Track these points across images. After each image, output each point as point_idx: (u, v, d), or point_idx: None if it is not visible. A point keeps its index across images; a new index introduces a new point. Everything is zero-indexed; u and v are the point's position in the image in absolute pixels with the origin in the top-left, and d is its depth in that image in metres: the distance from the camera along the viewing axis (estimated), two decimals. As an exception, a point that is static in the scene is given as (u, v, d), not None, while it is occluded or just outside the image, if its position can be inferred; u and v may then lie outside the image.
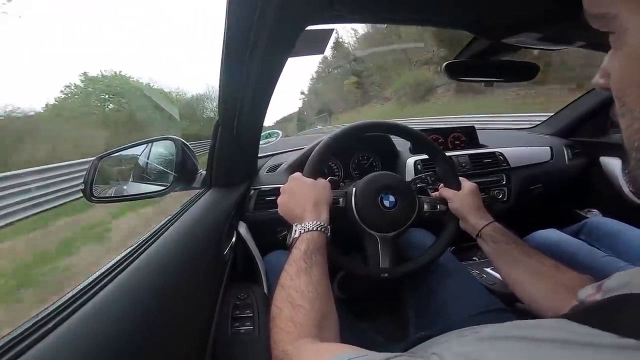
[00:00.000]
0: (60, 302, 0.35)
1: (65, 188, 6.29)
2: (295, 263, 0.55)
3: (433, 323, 0.72)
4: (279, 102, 25.83)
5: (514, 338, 0.29)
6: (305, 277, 0.53)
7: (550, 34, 0.66)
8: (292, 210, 0.67)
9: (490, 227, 0.72)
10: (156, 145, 0.99)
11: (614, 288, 0.35)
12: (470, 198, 0.78)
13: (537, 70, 0.92)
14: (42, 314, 0.33)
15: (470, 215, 0.76)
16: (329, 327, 0.50)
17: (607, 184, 1.43)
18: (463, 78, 0.96)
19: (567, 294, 0.54)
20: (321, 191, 0.69)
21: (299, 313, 0.48)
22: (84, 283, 0.39)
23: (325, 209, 0.66)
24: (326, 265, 0.58)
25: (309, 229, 0.60)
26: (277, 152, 1.45)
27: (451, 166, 0.85)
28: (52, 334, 0.30)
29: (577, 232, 1.16)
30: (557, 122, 1.66)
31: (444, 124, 6.90)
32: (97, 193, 0.83)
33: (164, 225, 0.63)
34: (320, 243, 0.59)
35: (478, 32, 0.75)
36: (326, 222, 0.64)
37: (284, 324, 0.48)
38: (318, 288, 0.52)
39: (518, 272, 0.65)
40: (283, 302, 0.51)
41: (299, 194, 0.68)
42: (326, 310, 0.51)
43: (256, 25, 0.51)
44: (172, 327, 0.45)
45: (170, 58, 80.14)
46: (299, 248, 0.58)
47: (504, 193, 1.31)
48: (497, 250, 0.69)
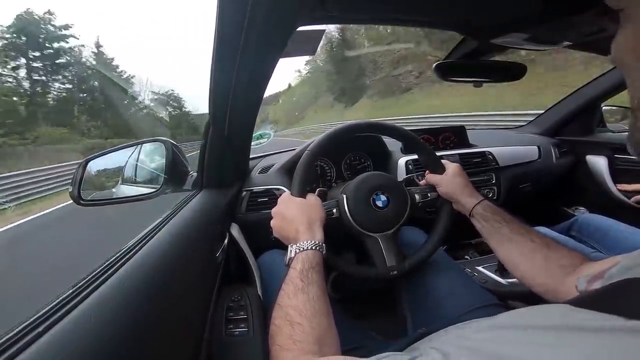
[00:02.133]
0: (50, 305, 0.34)
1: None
2: (292, 282, 0.55)
3: (430, 320, 0.73)
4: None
5: (517, 327, 0.30)
6: (302, 295, 0.53)
7: (537, 35, 0.67)
8: (286, 233, 0.67)
9: (481, 206, 0.74)
10: (146, 147, 0.98)
11: (615, 274, 0.35)
12: (456, 179, 0.79)
13: (525, 70, 0.94)
14: (32, 317, 0.32)
15: (460, 196, 0.77)
16: (329, 343, 0.50)
17: (594, 182, 1.46)
18: (452, 78, 0.98)
19: (558, 271, 0.55)
20: (312, 210, 0.69)
21: (297, 331, 0.48)
22: (72, 287, 0.38)
23: (318, 228, 0.66)
24: (323, 283, 0.58)
25: (304, 249, 0.61)
26: (269, 153, 1.44)
27: (432, 152, 0.86)
28: (42, 339, 0.29)
29: (568, 229, 1.18)
30: (545, 122, 1.69)
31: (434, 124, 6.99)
32: (85, 196, 0.82)
33: (155, 227, 0.62)
34: (316, 261, 0.60)
35: (467, 33, 0.76)
36: (321, 240, 0.64)
37: (284, 342, 0.48)
38: (316, 305, 0.52)
39: (510, 250, 0.66)
40: (281, 321, 0.51)
41: (291, 216, 0.68)
42: (325, 326, 0.51)
43: (247, 25, 0.51)
44: (165, 330, 0.44)
45: (160, 56, 79.29)
46: (294, 268, 0.58)
47: (493, 192, 1.33)
48: (489, 228, 0.70)
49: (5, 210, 8.12)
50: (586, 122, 1.55)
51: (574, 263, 0.54)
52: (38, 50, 24.63)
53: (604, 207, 1.38)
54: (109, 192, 0.95)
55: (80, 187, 0.80)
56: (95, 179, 0.88)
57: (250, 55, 0.59)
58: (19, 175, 9.99)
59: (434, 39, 16.67)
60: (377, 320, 0.95)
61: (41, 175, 10.61)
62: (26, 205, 8.78)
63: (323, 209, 0.72)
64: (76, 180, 0.80)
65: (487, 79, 0.98)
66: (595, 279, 0.42)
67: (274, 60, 0.65)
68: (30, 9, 23.98)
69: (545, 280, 0.58)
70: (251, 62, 0.62)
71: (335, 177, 1.29)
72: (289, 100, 58.03)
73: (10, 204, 8.38)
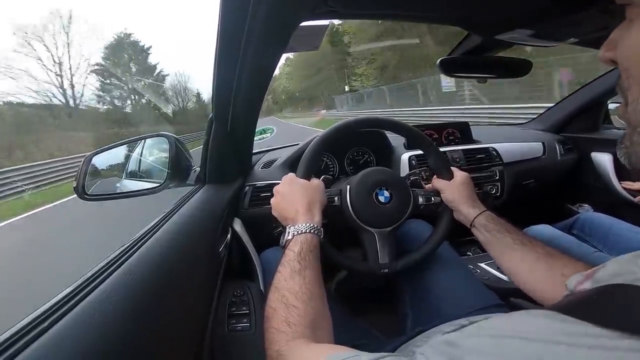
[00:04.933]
0: (52, 302, 0.34)
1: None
2: (289, 264, 0.55)
3: (430, 318, 0.73)
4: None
5: (500, 336, 0.29)
6: (298, 278, 0.53)
7: (542, 31, 0.66)
8: (285, 212, 0.67)
9: (483, 216, 0.72)
10: (149, 142, 0.98)
11: (604, 278, 0.34)
12: (462, 188, 0.78)
13: (530, 66, 0.93)
14: (35, 314, 0.32)
15: (463, 206, 0.76)
16: (323, 327, 0.50)
17: (599, 179, 1.45)
18: (456, 74, 0.97)
19: (561, 280, 0.55)
20: (314, 192, 0.69)
21: (292, 314, 0.49)
22: (76, 283, 0.39)
23: (318, 211, 0.66)
24: (319, 267, 0.58)
25: (302, 231, 0.61)
26: (272, 148, 1.44)
27: (442, 157, 0.85)
28: (46, 334, 0.29)
29: (570, 227, 1.17)
30: (549, 118, 1.68)
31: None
32: (89, 191, 0.83)
33: (157, 222, 0.62)
34: (314, 245, 0.60)
35: (471, 29, 0.75)
36: (319, 224, 0.64)
37: (278, 324, 0.48)
38: (311, 289, 0.53)
39: (513, 261, 0.65)
40: (277, 303, 0.51)
41: (292, 196, 0.68)
42: (320, 311, 0.52)
43: (250, 21, 0.51)
44: (168, 325, 0.45)
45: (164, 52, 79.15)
46: (292, 250, 0.58)
47: (497, 188, 1.32)
48: (491, 239, 0.69)
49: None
50: (592, 119, 1.53)
51: (577, 271, 0.54)
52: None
53: (609, 204, 1.37)
54: (112, 187, 0.95)
55: (85, 182, 0.81)
56: (99, 174, 0.89)
57: (253, 51, 0.59)
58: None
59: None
60: (377, 316, 0.95)
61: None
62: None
63: (325, 194, 0.73)
64: (80, 175, 0.80)
65: (491, 75, 0.97)
66: (586, 278, 0.41)
67: (277, 55, 0.65)
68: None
69: (548, 289, 0.57)
70: (254, 58, 0.62)
71: (338, 172, 1.29)
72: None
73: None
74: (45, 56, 25.19)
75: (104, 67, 27.60)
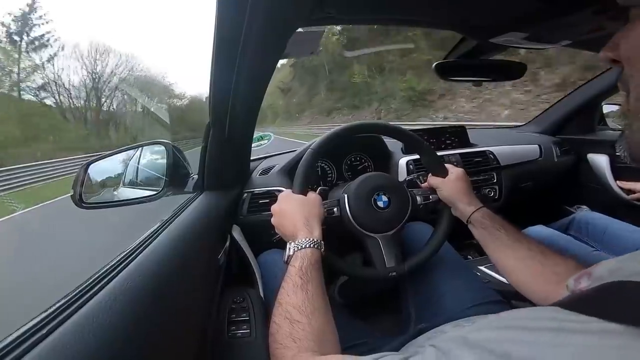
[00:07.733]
0: (52, 308, 0.34)
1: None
2: (291, 280, 0.56)
3: (433, 316, 0.73)
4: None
5: (510, 328, 0.30)
6: (301, 293, 0.53)
7: (536, 34, 0.67)
8: (285, 230, 0.68)
9: (479, 213, 0.73)
10: (146, 149, 0.98)
11: (604, 276, 0.35)
12: (457, 184, 0.79)
13: (525, 69, 0.94)
14: (33, 322, 0.32)
15: (458, 202, 0.77)
16: (328, 340, 0.50)
17: (595, 180, 1.46)
18: (453, 78, 0.98)
19: (553, 278, 0.56)
20: (312, 206, 0.70)
21: (297, 329, 0.49)
22: (74, 290, 0.38)
23: (317, 225, 0.67)
24: (322, 281, 0.58)
25: (303, 246, 0.61)
26: (270, 154, 1.44)
27: (435, 155, 0.85)
28: (46, 340, 0.29)
29: (567, 227, 1.18)
30: (545, 120, 1.69)
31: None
32: (86, 199, 0.82)
33: (155, 230, 0.62)
34: (315, 259, 0.60)
35: (466, 32, 0.76)
36: (319, 237, 0.64)
37: (284, 340, 0.48)
38: (315, 303, 0.53)
39: (507, 258, 0.66)
40: (281, 319, 0.51)
41: (290, 213, 0.68)
42: (324, 322, 0.52)
43: (246, 27, 0.51)
44: (168, 332, 0.44)
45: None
46: (293, 265, 0.59)
47: (495, 191, 1.32)
48: (486, 235, 0.70)
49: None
50: (587, 121, 1.55)
51: (569, 269, 0.54)
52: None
53: (606, 205, 1.37)
54: (110, 195, 0.95)
55: (82, 190, 0.80)
56: (96, 182, 0.88)
57: (250, 57, 0.59)
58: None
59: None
60: (379, 315, 0.95)
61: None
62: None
63: (322, 206, 0.72)
64: (77, 183, 0.80)
65: (486, 78, 0.98)
66: (582, 276, 0.42)
67: (273, 61, 0.65)
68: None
69: (540, 287, 0.58)
70: (251, 64, 0.62)
71: (336, 178, 1.29)
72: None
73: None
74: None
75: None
